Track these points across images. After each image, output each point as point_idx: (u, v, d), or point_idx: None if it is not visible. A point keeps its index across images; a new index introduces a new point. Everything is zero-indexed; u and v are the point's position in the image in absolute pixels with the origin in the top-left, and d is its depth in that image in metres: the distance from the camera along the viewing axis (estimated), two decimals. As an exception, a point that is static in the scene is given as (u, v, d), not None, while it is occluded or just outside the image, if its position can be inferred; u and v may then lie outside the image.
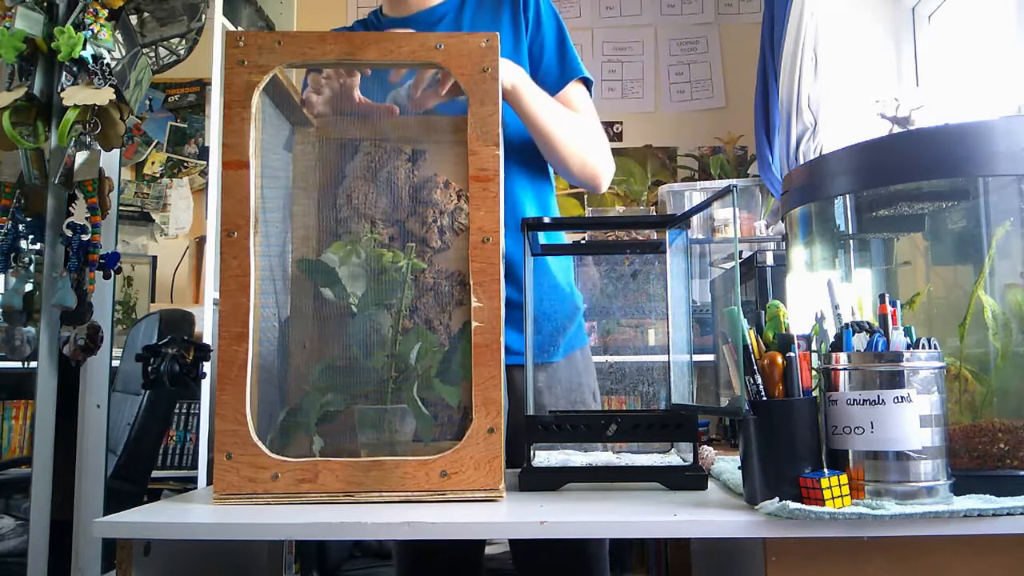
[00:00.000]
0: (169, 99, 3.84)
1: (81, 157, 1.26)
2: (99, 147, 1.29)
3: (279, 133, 1.08)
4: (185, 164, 3.82)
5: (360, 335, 1.01)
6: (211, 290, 2.64)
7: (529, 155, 1.40)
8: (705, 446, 1.13)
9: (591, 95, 1.45)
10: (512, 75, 1.24)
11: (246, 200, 0.95)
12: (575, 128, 1.35)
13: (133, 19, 1.37)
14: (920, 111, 1.16)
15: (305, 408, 1.00)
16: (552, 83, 1.38)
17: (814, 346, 0.88)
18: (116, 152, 1.37)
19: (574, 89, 1.41)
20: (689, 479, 0.99)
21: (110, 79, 1.26)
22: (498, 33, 0.99)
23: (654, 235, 1.23)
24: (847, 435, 0.83)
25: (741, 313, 0.86)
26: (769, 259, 2.44)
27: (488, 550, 2.08)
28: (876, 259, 1.11)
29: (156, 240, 3.75)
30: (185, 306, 3.33)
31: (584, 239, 2.24)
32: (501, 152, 0.97)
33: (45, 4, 1.27)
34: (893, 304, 0.85)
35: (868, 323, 0.85)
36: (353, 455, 0.95)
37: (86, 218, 1.28)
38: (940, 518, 0.77)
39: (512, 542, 1.46)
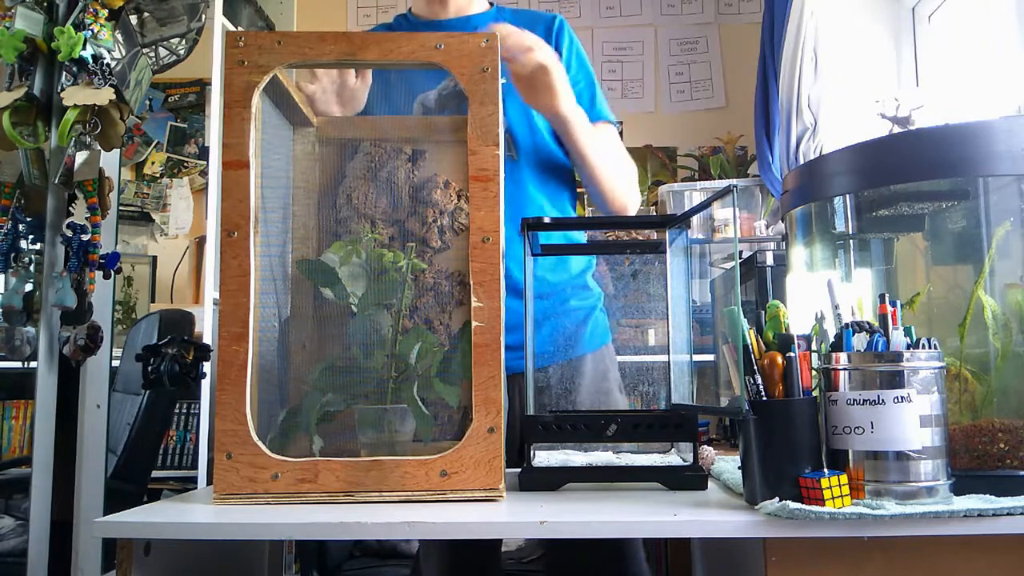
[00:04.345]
0: (169, 99, 3.84)
1: (81, 157, 1.26)
2: (99, 147, 1.28)
3: (279, 133, 1.08)
4: (185, 164, 3.82)
5: (360, 335, 1.01)
6: (211, 290, 2.65)
7: (550, 167, 1.46)
8: (705, 446, 1.13)
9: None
10: (570, 107, 1.31)
11: (246, 200, 0.95)
12: (615, 165, 1.45)
13: (133, 19, 1.37)
14: (920, 111, 1.15)
15: (305, 408, 1.00)
16: None
17: (814, 346, 0.88)
18: (116, 152, 1.37)
19: (603, 129, 1.48)
20: (689, 479, 0.99)
21: (110, 79, 1.26)
22: (498, 34, 0.99)
23: (654, 235, 1.23)
24: (847, 435, 0.83)
25: (741, 313, 0.86)
26: (769, 259, 2.44)
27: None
28: (876, 259, 1.11)
29: (156, 240, 3.75)
30: (185, 306, 3.33)
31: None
32: (501, 152, 0.97)
33: (45, 4, 1.27)
34: (893, 304, 0.85)
35: (868, 323, 0.85)
36: (353, 455, 0.95)
37: (86, 218, 1.28)
38: (940, 518, 0.77)
39: (546, 542, 1.48)
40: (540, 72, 1.25)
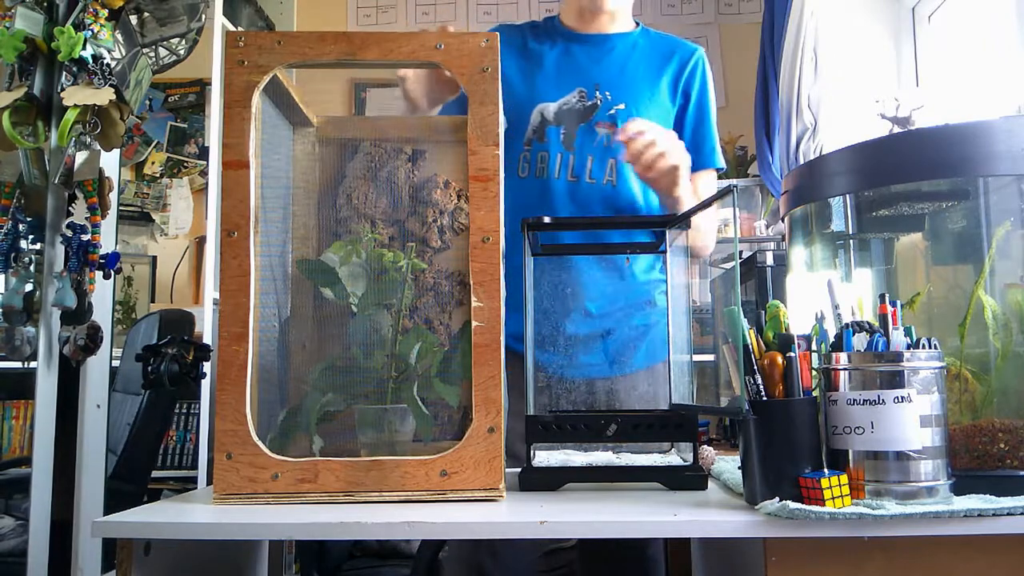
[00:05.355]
0: (169, 99, 3.84)
1: (81, 157, 1.26)
2: (99, 147, 1.28)
3: (279, 133, 1.08)
4: (185, 164, 3.82)
5: (360, 335, 1.01)
6: (211, 290, 2.65)
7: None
8: (705, 446, 1.13)
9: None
10: (685, 189, 1.34)
11: (246, 200, 0.95)
12: (707, 233, 1.47)
13: (133, 19, 1.37)
14: (920, 111, 1.15)
15: (305, 408, 1.00)
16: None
17: (814, 346, 0.88)
18: (116, 152, 1.37)
19: (706, 176, 1.51)
20: (689, 479, 0.99)
21: (110, 79, 1.26)
22: (498, 34, 0.99)
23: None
24: (847, 435, 0.83)
25: (741, 313, 0.86)
26: (769, 259, 2.44)
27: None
28: (876, 259, 1.11)
29: (156, 240, 3.75)
30: (185, 306, 3.33)
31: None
32: (501, 152, 0.97)
33: (45, 4, 1.27)
34: (893, 304, 0.85)
35: (868, 323, 0.85)
36: (353, 455, 0.95)
37: (86, 218, 1.28)
38: (940, 518, 0.77)
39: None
40: (671, 171, 1.30)
